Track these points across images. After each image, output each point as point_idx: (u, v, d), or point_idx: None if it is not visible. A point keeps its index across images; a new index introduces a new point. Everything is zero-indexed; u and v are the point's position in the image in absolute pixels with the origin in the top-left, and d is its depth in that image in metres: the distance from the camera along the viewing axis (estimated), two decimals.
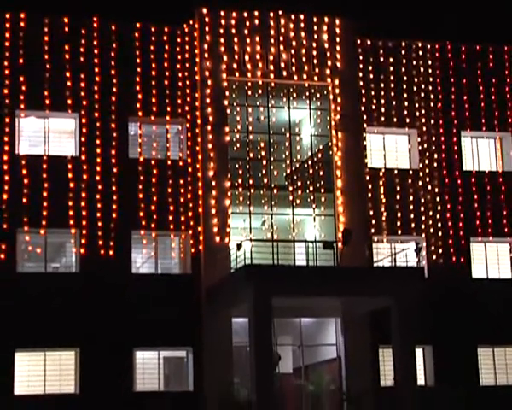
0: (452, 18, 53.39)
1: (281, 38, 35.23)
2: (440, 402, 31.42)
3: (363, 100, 36.00)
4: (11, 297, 31.00)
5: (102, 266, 32.38)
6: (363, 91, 36.04)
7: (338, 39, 35.78)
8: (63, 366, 31.90)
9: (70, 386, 31.71)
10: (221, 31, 34.62)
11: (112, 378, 31.56)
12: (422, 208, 35.92)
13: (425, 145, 36.48)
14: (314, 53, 35.42)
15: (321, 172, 35.26)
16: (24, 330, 30.96)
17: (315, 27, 35.66)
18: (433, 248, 35.70)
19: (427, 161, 36.38)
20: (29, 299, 31.19)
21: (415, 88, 36.75)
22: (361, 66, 36.18)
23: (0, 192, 31.86)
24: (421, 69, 36.96)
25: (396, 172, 36.04)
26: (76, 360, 31.89)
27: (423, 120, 36.60)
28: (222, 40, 34.59)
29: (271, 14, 35.26)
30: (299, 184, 35.11)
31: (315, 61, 35.43)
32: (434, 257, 35.62)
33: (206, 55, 34.39)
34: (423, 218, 35.88)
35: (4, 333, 30.75)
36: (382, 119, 36.21)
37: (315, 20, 35.67)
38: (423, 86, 36.86)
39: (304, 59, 35.32)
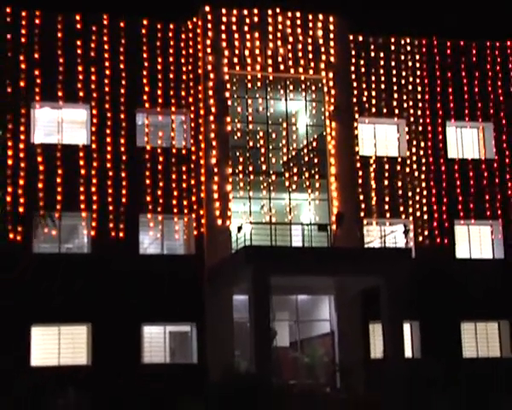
0: (438, 16, 53.35)
1: (278, 35, 35.08)
2: (426, 373, 31.52)
3: (355, 92, 35.91)
4: (28, 276, 31.00)
5: (112, 247, 32.43)
6: (355, 84, 35.95)
7: (332, 35, 35.68)
8: (76, 340, 32.03)
9: (82, 358, 31.87)
10: (222, 27, 34.52)
11: (121, 351, 31.63)
12: (410, 193, 35.91)
13: (412, 134, 36.44)
14: (309, 48, 35.32)
15: (315, 160, 35.19)
16: (39, 307, 30.99)
17: (310, 24, 35.55)
18: (419, 230, 35.70)
19: (414, 150, 36.35)
20: (44, 277, 31.19)
21: (403, 81, 36.68)
22: (353, 60, 36.11)
23: (17, 178, 31.91)
24: (409, 63, 36.89)
25: (385, 159, 36.01)
26: (88, 334, 32.01)
27: (411, 111, 36.53)
28: (223, 36, 34.48)
29: (270, 12, 35.14)
30: (295, 170, 35.00)
31: (310, 56, 35.33)
32: (421, 239, 35.64)
33: (208, 51, 34.28)
34: (411, 202, 35.86)
35: (21, 309, 30.77)
36: (373, 110, 36.17)
37: (310, 17, 35.56)
38: (411, 79, 36.78)
39: (300, 54, 35.24)
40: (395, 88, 36.55)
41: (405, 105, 36.57)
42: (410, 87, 36.73)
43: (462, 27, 44.39)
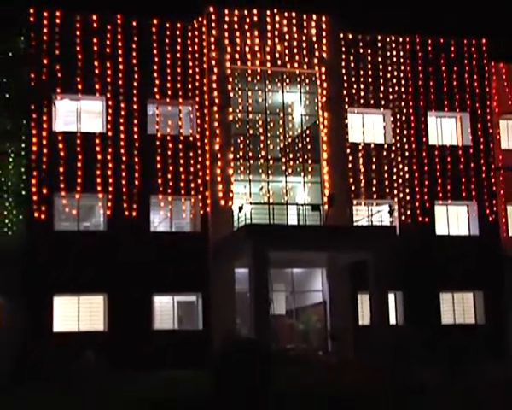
0: (421, 16, 53.37)
1: (276, 33, 34.94)
2: (409, 338, 31.58)
3: (346, 85, 35.80)
4: (50, 251, 31.15)
5: (126, 225, 32.38)
6: (345, 78, 35.82)
7: (324, 34, 35.53)
8: (94, 309, 32.05)
9: (99, 325, 31.86)
10: (225, 26, 34.40)
11: (134, 318, 31.71)
12: (394, 176, 35.91)
13: (397, 123, 36.36)
14: (304, 45, 35.18)
15: (309, 146, 35.15)
16: (61, 278, 30.95)
17: (305, 23, 35.39)
18: (403, 209, 35.69)
19: (398, 137, 36.29)
20: (65, 252, 31.27)
21: (388, 75, 36.55)
22: (344, 56, 35.93)
23: (40, 163, 31.90)
24: (394, 59, 36.72)
25: (373, 146, 35.95)
26: (104, 303, 32.03)
27: (396, 102, 36.43)
28: (226, 34, 34.36)
29: (268, 12, 34.96)
30: (291, 156, 34.96)
31: (305, 52, 35.21)
32: (404, 217, 35.63)
33: (212, 47, 34.17)
34: (395, 184, 35.84)
35: (45, 281, 30.89)
36: (361, 101, 36.04)
37: (305, 17, 35.41)
38: (395, 74, 36.63)
39: (295, 50, 35.10)
40: (381, 81, 36.43)
41: (390, 97, 36.47)
42: (394, 81, 36.60)
43: (441, 26, 44.28)
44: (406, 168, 36.19)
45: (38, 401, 20.47)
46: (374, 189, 35.58)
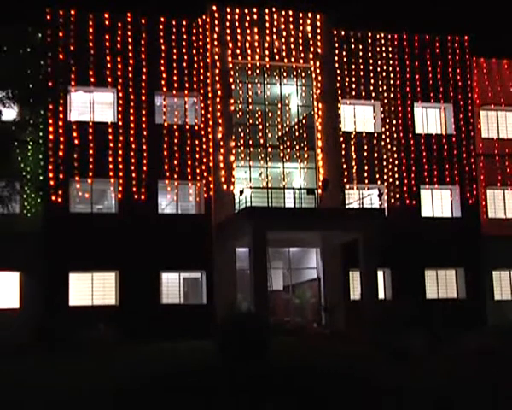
0: (408, 14, 53.30)
1: (274, 30, 34.81)
2: (396, 312, 31.64)
3: (338, 78, 35.65)
4: (66, 231, 31.25)
5: (135, 208, 32.37)
6: (338, 71, 35.70)
7: (319, 30, 35.44)
8: (106, 284, 32.01)
9: (111, 299, 31.86)
10: (227, 24, 34.27)
11: (143, 294, 31.72)
12: (384, 163, 35.83)
13: (386, 113, 36.30)
14: (300, 41, 35.07)
15: (305, 135, 35.02)
16: (76, 257, 31.06)
17: (301, 21, 35.27)
18: (391, 193, 35.65)
19: (387, 126, 36.20)
20: (80, 233, 31.33)
21: (378, 69, 36.38)
22: (337, 51, 35.78)
23: (57, 150, 31.90)
24: (383, 54, 36.56)
25: (364, 134, 35.86)
26: (116, 279, 32.03)
27: (385, 94, 36.39)
28: (228, 31, 34.23)
29: (266, 11, 34.84)
30: (288, 143, 34.87)
31: (301, 48, 35.10)
32: (392, 200, 35.59)
33: (215, 43, 34.06)
34: (384, 170, 35.78)
35: (61, 259, 30.97)
36: (353, 93, 35.89)
37: (301, 15, 35.27)
38: (385, 67, 36.49)
39: (292, 46, 34.99)
40: (371, 75, 36.28)
41: (380, 89, 36.35)
42: (383, 74, 36.47)
43: (427, 24, 44.22)
44: (395, 155, 36.14)
45: (55, 366, 20.66)
46: (364, 174, 35.49)
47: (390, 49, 36.84)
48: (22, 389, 16.49)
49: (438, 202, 37.10)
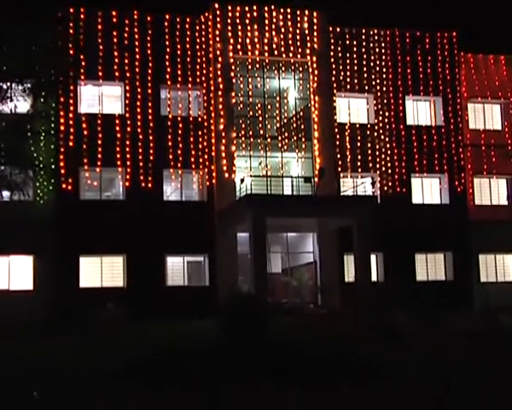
0: (400, 11, 53.20)
1: (273, 26, 34.73)
2: (387, 293, 31.70)
3: (334, 72, 35.57)
4: (76, 217, 31.27)
5: (142, 195, 32.43)
6: (333, 66, 35.61)
7: (315, 27, 35.34)
8: (114, 267, 32.10)
9: (119, 282, 31.96)
10: (228, 21, 34.18)
11: (149, 276, 31.86)
12: (376, 152, 35.78)
13: (379, 106, 36.24)
14: (297, 37, 34.97)
15: (302, 126, 34.98)
16: (86, 241, 31.19)
17: (298, 18, 35.16)
18: (384, 181, 35.64)
19: (380, 118, 36.19)
20: (89, 219, 31.39)
21: (371, 63, 36.28)
22: (332, 47, 35.70)
23: (67, 140, 31.93)
24: (377, 49, 36.44)
25: (357, 125, 35.79)
26: (124, 263, 32.12)
27: (378, 88, 36.32)
28: (229, 27, 34.15)
29: (266, 8, 34.72)
30: (286, 134, 34.80)
31: (298, 43, 35.00)
32: (385, 188, 35.57)
33: (217, 39, 34.00)
34: (377, 159, 35.75)
35: (71, 243, 31.08)
36: (348, 86, 35.81)
37: (298, 12, 35.18)
38: (378, 62, 36.38)
39: (290, 42, 34.89)
40: (365, 69, 36.16)
41: (373, 83, 36.29)
42: (377, 68, 36.37)
43: (418, 20, 44.12)
44: (387, 145, 36.07)
45: (69, 342, 20.78)
46: (358, 163, 35.48)
47: (383, 44, 36.74)
48: (36, 359, 16.99)
49: (427, 190, 37.06)
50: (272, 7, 34.99)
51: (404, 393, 12.50)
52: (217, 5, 34.32)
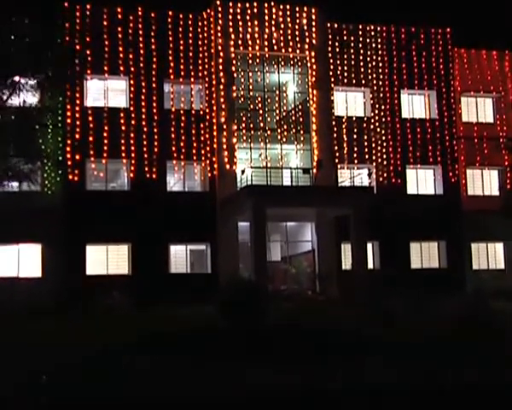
0: (395, 7, 53.16)
1: (273, 22, 34.78)
2: (383, 280, 31.86)
3: (332, 67, 35.61)
4: (83, 207, 31.37)
5: (146, 186, 32.52)
6: (331, 61, 35.67)
7: (314, 23, 35.36)
8: (120, 255, 32.18)
9: (124, 269, 32.05)
10: (230, 17, 34.23)
11: (153, 264, 31.94)
12: (373, 145, 35.86)
13: (375, 99, 36.30)
14: (296, 33, 35.01)
15: (301, 119, 34.95)
16: (92, 230, 31.19)
17: (297, 14, 35.17)
18: (380, 172, 35.74)
19: (376, 111, 36.26)
20: (95, 208, 31.46)
21: (368, 58, 36.34)
22: (330, 42, 35.75)
23: (74, 133, 31.98)
24: (373, 45, 36.47)
25: (354, 118, 35.82)
26: (129, 251, 32.23)
27: (374, 82, 36.37)
28: (230, 23, 34.21)
29: (266, 5, 34.80)
30: (285, 127, 34.77)
31: (297, 39, 35.03)
32: (381, 179, 35.67)
33: (218, 34, 34.03)
34: (373, 151, 35.82)
35: (78, 232, 31.15)
36: (345, 80, 35.83)
37: (297, 9, 35.20)
38: (374, 57, 36.43)
39: (289, 37, 34.92)
40: (362, 64, 36.22)
41: (369, 77, 36.33)
42: (373, 63, 36.47)
43: (413, 16, 43.98)
44: (383, 138, 36.16)
45: (75, 326, 20.97)
46: (355, 155, 35.54)
47: (379, 40, 36.77)
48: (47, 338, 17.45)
49: (422, 181, 37.11)
50: (272, 3, 35.03)
51: (385, 364, 13.16)
52: (218, 2, 34.34)
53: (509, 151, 36.71)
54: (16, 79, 24.29)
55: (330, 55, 35.83)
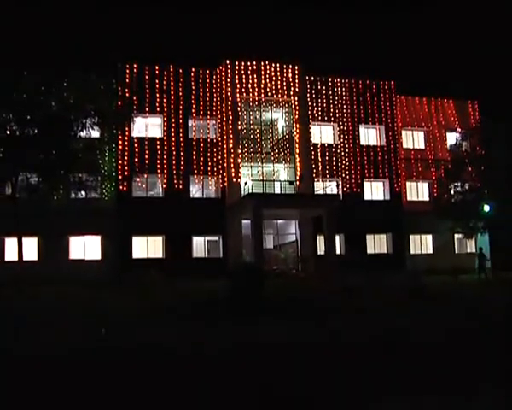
0: (355, 64, 53.47)
1: (267, 75, 34.80)
2: (349, 263, 32.01)
3: (310, 108, 35.79)
4: (130, 209, 31.39)
5: (175, 194, 32.65)
6: (309, 103, 35.80)
7: (297, 76, 35.43)
8: (156, 244, 32.33)
9: (159, 254, 32.24)
10: (236, 71, 34.42)
11: (180, 250, 32.05)
12: (340, 164, 35.85)
13: (341, 131, 36.26)
14: (284, 83, 35.11)
15: (287, 145, 34.91)
16: (137, 226, 31.43)
17: (285, 69, 35.25)
18: (344, 184, 35.86)
19: (342, 140, 36.26)
20: (138, 210, 31.63)
21: (336, 102, 36.48)
22: (308, 90, 35.99)
23: (124, 156, 32.23)
24: (339, 92, 36.57)
25: (326, 145, 35.81)
26: (163, 240, 32.38)
27: (340, 119, 36.43)
28: (236, 76, 34.36)
29: (262, 63, 34.92)
30: (276, 151, 34.74)
31: (285, 87, 35.11)
32: (345, 189, 35.74)
33: (228, 84, 34.13)
34: (340, 169, 35.88)
35: (127, 227, 31.32)
36: (319, 118, 35.98)
37: (284, 66, 35.32)
38: (340, 101, 36.52)
39: (279, 86, 35.00)
40: (331, 106, 36.43)
41: (337, 115, 36.50)
42: (339, 105, 36.63)
43: (368, 70, 44.50)
44: (346, 159, 36.30)
45: (124, 295, 21.32)
46: (327, 171, 35.56)
47: (343, 88, 36.86)
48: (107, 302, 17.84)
49: (375, 190, 37.17)
50: (266, 62, 35.17)
51: (345, 322, 13.44)
52: (228, 61, 34.60)
53: (436, 169, 37.19)
54: (84, 120, 24.66)
55: (309, 99, 36.00)
